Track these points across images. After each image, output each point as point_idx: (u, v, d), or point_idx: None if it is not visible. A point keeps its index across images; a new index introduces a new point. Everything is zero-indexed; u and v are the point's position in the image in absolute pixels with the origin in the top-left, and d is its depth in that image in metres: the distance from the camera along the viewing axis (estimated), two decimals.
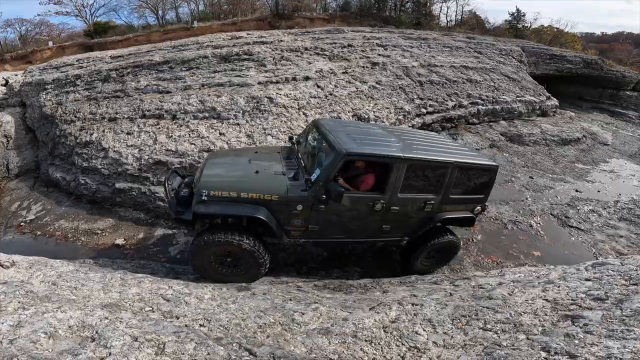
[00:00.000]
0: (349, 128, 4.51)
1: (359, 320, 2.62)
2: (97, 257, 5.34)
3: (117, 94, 9.15)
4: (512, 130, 10.64)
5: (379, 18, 24.81)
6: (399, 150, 3.90)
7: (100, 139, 7.53)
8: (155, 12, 27.49)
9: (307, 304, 3.07)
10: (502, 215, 6.61)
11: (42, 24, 22.19)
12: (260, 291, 3.54)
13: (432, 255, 4.63)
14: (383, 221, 4.07)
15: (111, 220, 6.50)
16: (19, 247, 5.74)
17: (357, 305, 3.05)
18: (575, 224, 6.56)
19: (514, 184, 7.95)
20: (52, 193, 7.61)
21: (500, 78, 12.64)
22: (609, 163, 10.03)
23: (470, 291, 3.13)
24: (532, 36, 27.59)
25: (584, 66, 18.24)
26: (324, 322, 2.64)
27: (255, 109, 7.43)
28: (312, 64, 9.80)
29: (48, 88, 9.85)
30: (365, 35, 13.38)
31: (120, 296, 3.04)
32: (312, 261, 5.13)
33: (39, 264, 3.64)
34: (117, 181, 6.88)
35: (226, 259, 3.79)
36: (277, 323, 2.63)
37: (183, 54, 10.26)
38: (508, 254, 5.58)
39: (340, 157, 3.55)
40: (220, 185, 3.63)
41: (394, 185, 3.84)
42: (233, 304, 3.04)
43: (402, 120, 8.91)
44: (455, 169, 4.05)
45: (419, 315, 2.62)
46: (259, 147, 5.98)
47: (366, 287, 3.92)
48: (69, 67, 10.95)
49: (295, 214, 3.72)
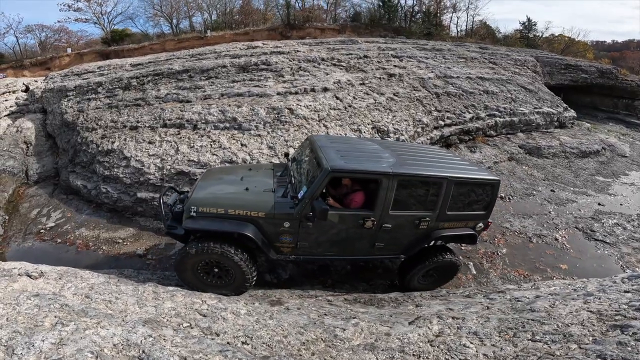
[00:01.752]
0: (342, 144, 4.47)
1: (402, 334, 2.58)
2: (120, 267, 5.33)
3: (138, 102, 9.28)
4: (530, 143, 10.54)
5: (389, 29, 24.98)
6: (389, 166, 3.81)
7: (122, 148, 7.61)
8: (170, 21, 28.05)
9: (345, 319, 3.03)
10: (526, 229, 6.52)
11: (61, 31, 22.79)
12: (293, 306, 3.51)
13: (430, 274, 4.46)
14: (375, 239, 3.96)
15: (132, 230, 6.51)
16: (39, 254, 5.79)
17: (395, 320, 3.01)
18: (601, 237, 6.47)
19: (535, 197, 7.84)
20: (72, 201, 7.66)
21: (517, 89, 12.57)
22: (629, 176, 9.87)
23: (508, 304, 3.10)
24: (544, 45, 27.46)
25: (598, 76, 18.07)
26: (367, 338, 2.59)
27: (276, 120, 7.46)
28: (329, 74, 9.86)
29: (70, 95, 10.04)
30: (379, 46, 13.45)
31: (157, 311, 3.02)
32: (337, 274, 5.08)
33: (68, 274, 3.64)
34: (138, 191, 6.91)
35: (213, 269, 3.79)
36: (319, 339, 2.59)
37: (202, 63, 10.41)
38: (535, 267, 5.51)
39: (326, 174, 3.53)
40: (209, 201, 3.75)
41: (385, 202, 3.74)
42: (271, 319, 3.00)
43: (421, 132, 8.87)
44: (451, 184, 3.89)
45: (463, 329, 2.59)
46: (253, 165, 6.06)
47: (398, 300, 3.86)
48: (90, 74, 11.17)
49: (283, 231, 3.73)
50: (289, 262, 4.98)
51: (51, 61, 17.72)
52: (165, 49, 21.59)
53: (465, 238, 4.38)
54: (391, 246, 4.10)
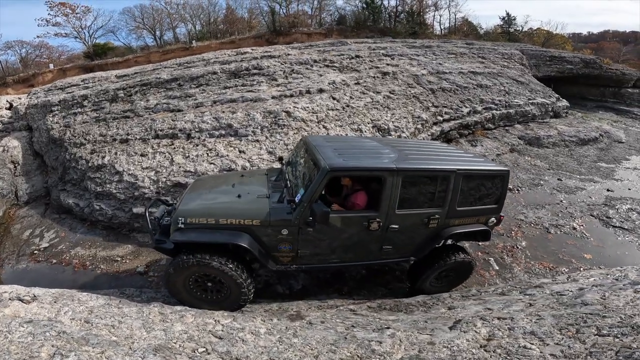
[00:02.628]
0: (339, 143, 4.23)
1: (448, 342, 2.33)
2: (120, 286, 5.01)
3: (127, 114, 8.92)
4: (529, 134, 10.51)
5: (375, 30, 25.12)
6: (391, 161, 3.56)
7: (114, 162, 7.24)
8: (153, 33, 27.73)
9: (377, 329, 2.76)
10: (542, 220, 6.37)
11: (41, 46, 22.25)
12: (315, 319, 3.22)
13: (443, 276, 4.19)
14: (383, 241, 3.69)
15: (130, 247, 6.17)
16: (34, 276, 5.47)
17: (432, 325, 2.75)
18: (618, 223, 6.36)
19: (544, 187, 7.74)
20: (65, 220, 7.29)
21: (509, 82, 12.60)
22: (630, 160, 9.91)
23: (552, 299, 2.91)
24: (525, 39, 27.95)
25: (583, 66, 18.38)
26: (409, 349, 2.33)
27: (273, 124, 7.20)
28: (323, 76, 9.67)
29: (54, 110, 9.61)
30: (369, 45, 13.37)
31: (167, 335, 2.72)
32: (352, 280, 4.82)
33: (64, 297, 3.32)
34: (134, 206, 6.55)
35: (206, 283, 3.50)
36: (355, 356, 2.31)
37: (191, 71, 10.11)
38: (559, 258, 5.34)
39: (324, 174, 3.25)
40: (198, 211, 3.47)
41: (390, 201, 3.47)
42: (295, 337, 2.72)
43: (421, 129, 8.72)
44: (460, 177, 3.64)
45: (516, 329, 2.35)
46: (245, 171, 5.73)
47: (427, 304, 3.60)
48: (75, 87, 10.75)
49: (281, 239, 3.46)
50: (299, 272, 4.71)
51: (34, 78, 17.19)
52: (150, 60, 21.24)
53: (478, 235, 4.12)
54: (400, 248, 3.83)
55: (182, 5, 27.67)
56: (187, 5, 27.83)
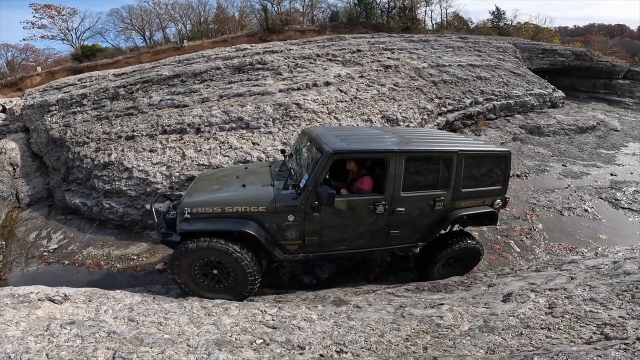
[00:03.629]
0: (340, 131, 4.29)
1: (511, 311, 2.33)
2: (141, 284, 4.90)
3: (130, 111, 8.75)
4: (530, 123, 10.72)
5: (368, 26, 25.17)
6: (394, 144, 3.62)
7: (121, 159, 7.09)
8: (142, 34, 27.24)
9: (431, 306, 2.75)
10: (554, 203, 6.52)
11: (27, 50, 21.61)
12: (361, 302, 3.20)
13: (450, 263, 4.21)
14: (389, 226, 3.70)
15: (145, 245, 6.03)
16: (48, 278, 5.28)
17: (484, 300, 2.75)
18: (627, 205, 6.56)
19: (550, 172, 7.91)
20: (72, 220, 7.08)
21: (507, 74, 12.83)
22: (628, 147, 10.23)
23: (592, 272, 2.96)
24: (514, 33, 28.41)
25: (575, 58, 18.81)
26: (473, 321, 2.33)
27: (285, 115, 7.16)
28: (327, 69, 9.66)
29: (52, 110, 9.35)
30: (369, 40, 13.43)
31: (219, 329, 2.65)
32: (377, 267, 4.83)
33: (96, 296, 3.20)
34: (146, 202, 6.42)
35: (212, 270, 3.48)
36: (421, 332, 2.30)
37: (193, 67, 9.98)
38: (576, 239, 5.46)
39: (327, 157, 3.31)
40: (203, 201, 3.50)
41: (395, 183, 3.51)
42: (351, 320, 2.69)
43: (427, 119, 8.81)
44: (462, 158, 3.69)
45: (574, 297, 2.38)
46: (249, 164, 5.75)
47: (464, 283, 3.62)
48: (71, 86, 10.50)
49: (288, 226, 3.47)
50: (324, 261, 4.69)
51: (22, 81, 16.68)
52: (141, 61, 20.83)
53: (485, 218, 4.13)
54: (408, 232, 3.83)
55: (172, 6, 27.27)
56: (176, 5, 27.44)
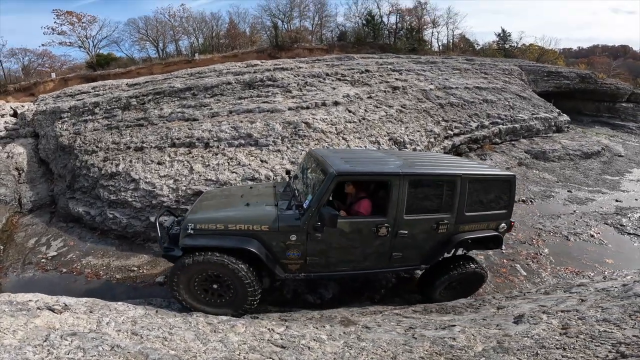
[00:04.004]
0: (345, 154, 4.36)
1: (524, 332, 2.29)
2: (140, 297, 4.86)
3: (140, 122, 8.88)
4: (535, 148, 10.77)
5: (375, 46, 25.72)
6: (397, 167, 3.67)
7: (129, 170, 7.15)
8: (156, 45, 27.91)
9: (442, 328, 2.70)
10: (559, 229, 6.54)
11: (44, 55, 22.16)
12: (369, 323, 3.15)
13: (453, 287, 4.20)
14: (392, 248, 3.71)
15: (146, 257, 6.01)
16: (44, 285, 5.27)
17: (495, 322, 2.71)
18: (632, 231, 6.61)
19: (555, 198, 7.91)
20: (73, 228, 7.10)
21: (513, 97, 12.97)
22: (633, 173, 10.26)
23: (601, 294, 2.93)
24: (519, 55, 28.78)
25: (579, 81, 18.94)
26: (486, 342, 2.28)
27: (294, 134, 7.24)
28: (336, 89, 9.82)
29: (64, 117, 9.51)
30: (377, 61, 13.69)
31: (226, 347, 2.60)
32: (382, 288, 4.79)
33: (98, 307, 3.16)
34: (151, 215, 6.43)
35: (211, 285, 3.52)
36: (434, 354, 2.25)
37: (204, 81, 10.17)
38: (582, 263, 5.49)
39: (331, 179, 3.36)
40: (207, 218, 3.58)
41: (397, 206, 3.53)
42: (361, 341, 2.64)
43: (434, 142, 8.87)
44: (466, 181, 3.72)
45: (587, 319, 2.34)
46: (253, 184, 5.88)
47: (472, 305, 3.57)
48: (85, 94, 10.70)
49: (290, 246, 3.51)
50: (329, 281, 4.66)
51: (35, 86, 17.01)
52: (152, 72, 21.29)
53: (490, 242, 4.13)
54: (410, 255, 3.84)
55: (186, 18, 28.05)
56: (190, 18, 28.22)
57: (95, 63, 21.89)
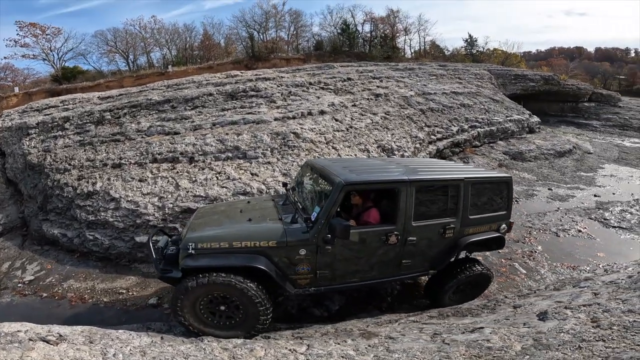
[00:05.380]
0: (345, 162, 4.35)
1: (557, 328, 2.30)
2: (135, 321, 4.54)
3: (117, 137, 8.43)
4: (512, 149, 11.22)
5: (351, 55, 26.20)
6: (402, 174, 3.69)
7: (107, 189, 6.73)
8: (126, 58, 27.02)
9: (470, 331, 2.66)
10: (548, 226, 6.76)
11: (6, 69, 20.84)
12: (391, 333, 3.05)
13: (461, 289, 4.23)
14: (402, 255, 3.71)
15: (134, 278, 5.66)
16: (25, 311, 4.90)
17: (520, 321, 2.70)
18: (616, 224, 6.93)
19: (538, 196, 8.23)
20: (49, 251, 6.62)
21: (487, 100, 13.51)
22: (605, 169, 10.90)
23: (612, 287, 3.03)
24: (487, 60, 30.20)
25: (544, 83, 20.13)
26: (522, 341, 2.25)
27: (283, 145, 7.10)
28: (320, 98, 9.81)
29: (32, 133, 8.86)
30: (357, 69, 13.88)
31: None
32: (388, 296, 4.74)
33: (97, 335, 2.86)
34: (136, 235, 6.04)
35: (218, 306, 3.32)
36: (474, 356, 2.18)
37: (184, 93, 9.85)
38: (577, 258, 5.67)
39: (340, 189, 3.31)
40: (209, 237, 3.41)
41: (406, 213, 3.54)
42: (391, 352, 2.52)
43: (420, 148, 9.01)
44: (468, 185, 3.80)
45: (613, 311, 2.38)
46: (251, 198, 5.71)
47: (487, 307, 3.59)
48: (53, 109, 10.06)
49: (299, 260, 3.40)
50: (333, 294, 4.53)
51: None
52: (122, 85, 20.53)
53: (493, 243, 4.22)
54: (420, 261, 3.85)
55: (158, 30, 27.39)
56: (162, 30, 27.59)
57: (61, 76, 20.85)
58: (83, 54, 25.53)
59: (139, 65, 26.71)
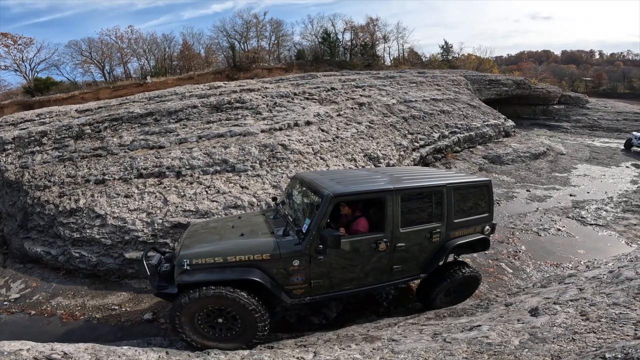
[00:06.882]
0: (332, 174, 4.53)
1: (549, 323, 2.47)
2: (130, 337, 4.48)
3: (98, 152, 8.23)
4: (491, 153, 11.71)
5: (333, 63, 26.64)
6: (387, 183, 3.87)
7: (92, 205, 6.55)
8: (102, 68, 26.34)
9: (468, 329, 2.80)
10: (529, 226, 7.07)
11: None
12: (393, 335, 3.15)
13: (452, 292, 4.43)
14: (392, 261, 3.87)
15: (125, 294, 5.55)
16: (15, 328, 4.79)
17: (513, 317, 2.87)
18: (593, 221, 7.29)
19: (518, 198, 8.61)
20: (33, 269, 6.41)
21: (465, 106, 14.06)
22: (578, 169, 11.52)
23: (595, 282, 3.26)
24: (462, 65, 31.35)
25: (516, 87, 21.13)
26: (519, 336, 2.41)
27: (272, 157, 7.15)
28: (306, 108, 9.94)
29: (8, 149, 8.48)
30: (340, 78, 14.15)
31: None
32: (383, 301, 4.86)
33: (103, 353, 2.81)
34: (125, 251, 5.92)
35: (216, 319, 3.41)
36: (476, 353, 2.30)
37: (167, 105, 9.73)
38: (559, 256, 5.93)
39: (329, 201, 3.46)
40: (204, 252, 3.51)
41: (393, 221, 3.72)
42: (396, 354, 2.62)
43: (404, 155, 9.27)
44: (451, 190, 4.01)
45: (599, 304, 2.57)
46: (242, 213, 5.81)
47: (481, 306, 3.77)
48: (29, 122, 9.67)
49: (293, 271, 3.53)
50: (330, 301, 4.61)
51: None
52: (99, 97, 20.01)
53: (478, 244, 4.45)
54: (410, 266, 4.03)
55: (135, 40, 26.90)
56: (140, 40, 27.11)
57: (34, 88, 20.08)
58: (56, 64, 24.72)
59: (116, 76, 26.13)
